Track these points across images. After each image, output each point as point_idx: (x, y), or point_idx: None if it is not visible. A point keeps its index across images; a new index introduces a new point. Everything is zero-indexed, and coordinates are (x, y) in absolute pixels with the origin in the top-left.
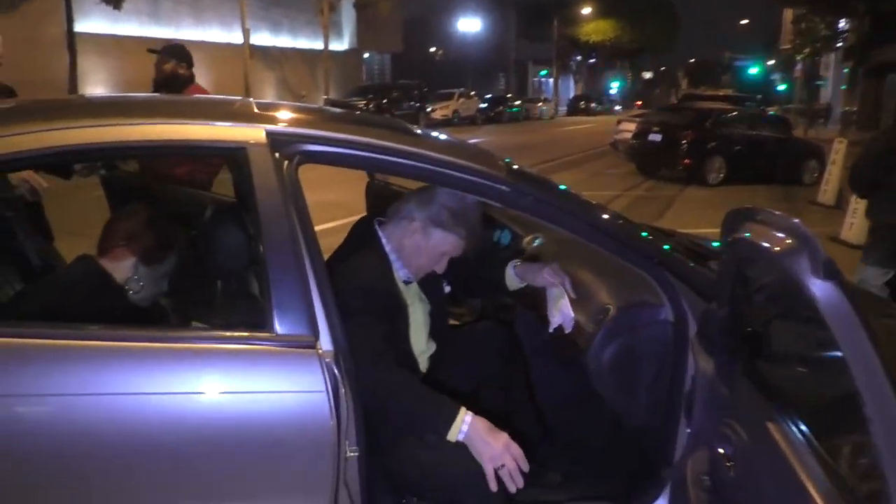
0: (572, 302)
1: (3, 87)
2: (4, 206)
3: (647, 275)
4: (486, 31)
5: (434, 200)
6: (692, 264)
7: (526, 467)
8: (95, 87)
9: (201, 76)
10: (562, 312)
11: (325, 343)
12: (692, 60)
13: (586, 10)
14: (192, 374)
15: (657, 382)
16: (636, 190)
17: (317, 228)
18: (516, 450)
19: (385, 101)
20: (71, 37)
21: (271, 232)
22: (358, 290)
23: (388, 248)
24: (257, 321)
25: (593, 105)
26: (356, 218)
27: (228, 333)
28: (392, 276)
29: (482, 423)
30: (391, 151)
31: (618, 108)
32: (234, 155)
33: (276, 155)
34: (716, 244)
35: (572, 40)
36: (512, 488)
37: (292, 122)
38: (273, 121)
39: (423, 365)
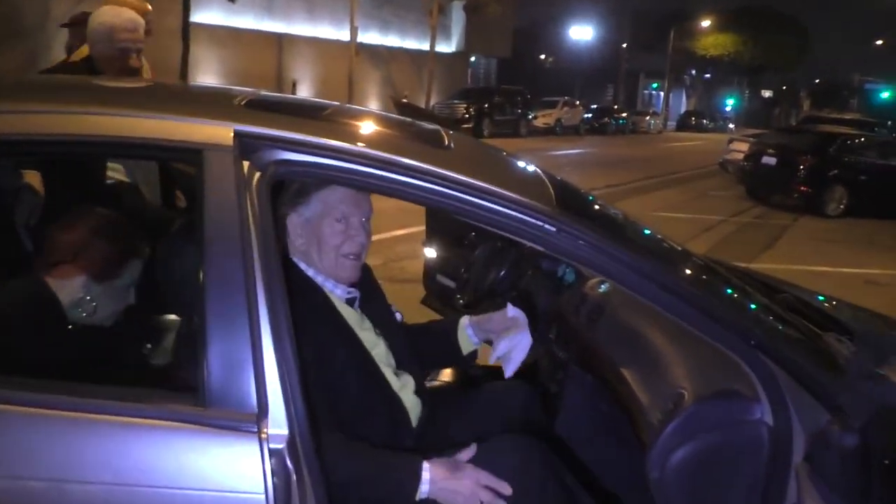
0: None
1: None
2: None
3: (739, 359)
4: (597, 40)
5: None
6: (809, 349)
7: (507, 491)
8: (206, 75)
9: (308, 71)
10: (513, 341)
11: (276, 424)
12: (817, 81)
13: (706, 23)
14: (80, 453)
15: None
16: (744, 216)
17: (388, 235)
18: (486, 478)
19: (486, 105)
20: (185, 27)
21: (218, 264)
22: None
23: (308, 271)
24: (183, 384)
25: (705, 122)
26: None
27: (139, 400)
28: (328, 300)
29: (440, 469)
30: (399, 168)
31: (731, 126)
32: (188, 159)
33: (244, 163)
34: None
35: (688, 53)
36: None
37: (276, 123)
38: (251, 119)
39: (410, 402)
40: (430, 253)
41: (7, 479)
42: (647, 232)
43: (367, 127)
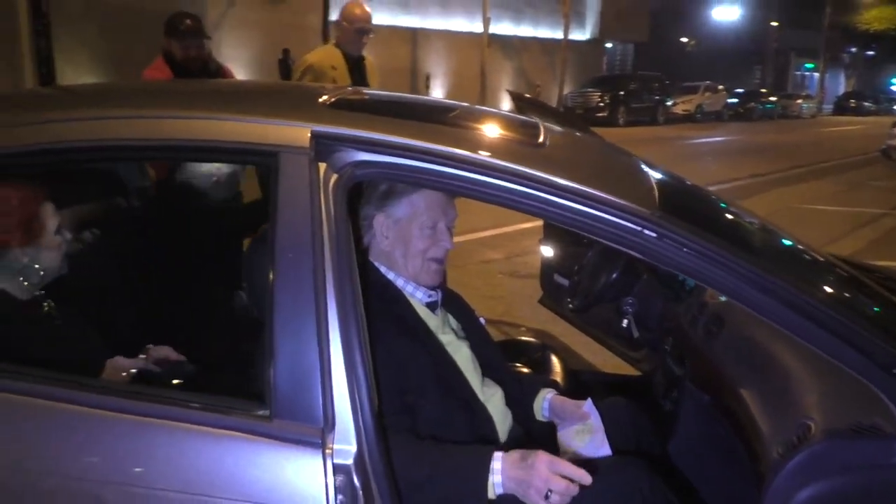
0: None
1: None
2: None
3: (878, 390)
4: (744, 19)
5: (367, 188)
6: None
7: (585, 480)
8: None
9: (441, 64)
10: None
11: (342, 438)
12: None
13: None
14: (148, 458)
15: None
16: None
17: (512, 229)
18: (561, 466)
19: (622, 93)
20: (325, 25)
21: (288, 272)
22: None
23: (388, 274)
24: (251, 395)
25: (867, 104)
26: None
27: (207, 409)
28: (408, 303)
29: (511, 461)
30: (482, 168)
31: None
32: (264, 162)
33: (321, 166)
34: None
35: (847, 29)
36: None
37: (357, 122)
38: (331, 119)
39: (498, 413)
40: (547, 251)
41: (78, 481)
42: (778, 237)
43: (454, 124)
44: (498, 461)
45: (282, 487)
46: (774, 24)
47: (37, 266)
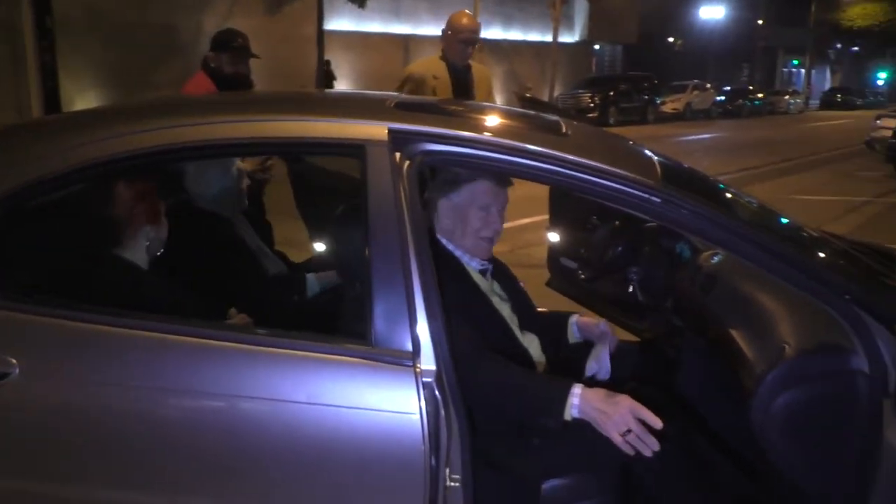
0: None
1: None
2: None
3: (836, 315)
4: (730, 18)
5: (435, 177)
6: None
7: (657, 424)
8: (340, 80)
9: None
10: (599, 361)
11: (427, 361)
12: None
13: None
14: (281, 379)
15: (842, 450)
16: (892, 196)
17: (514, 224)
18: (642, 411)
19: (611, 93)
20: (320, 34)
21: (380, 237)
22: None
23: (449, 246)
24: (356, 331)
25: (854, 99)
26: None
27: (323, 341)
28: (465, 270)
29: (595, 393)
30: (522, 153)
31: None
32: (354, 154)
33: (397, 154)
34: None
35: (832, 25)
36: (647, 452)
37: (420, 120)
38: (401, 118)
39: (537, 357)
40: (554, 237)
41: (231, 398)
42: (752, 203)
43: (496, 120)
44: (578, 388)
45: (386, 397)
46: (760, 22)
47: (156, 241)
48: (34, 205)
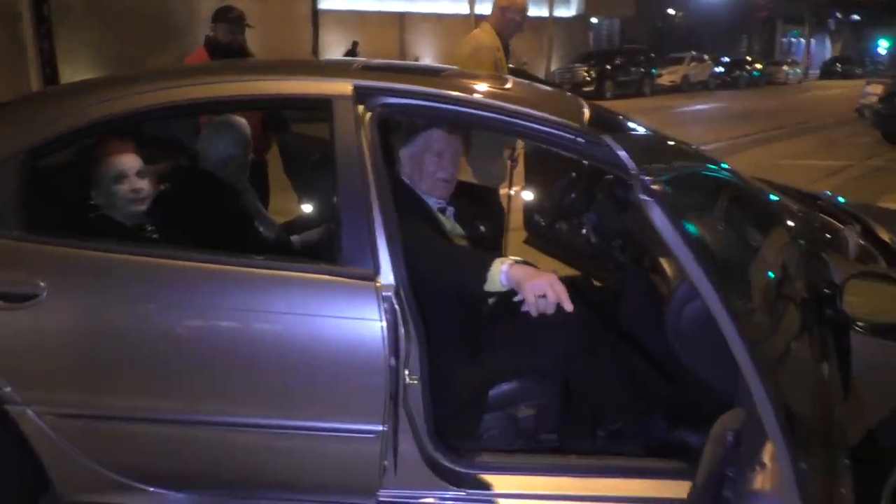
0: None
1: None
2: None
3: None
4: None
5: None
6: None
7: (569, 307)
8: (335, 57)
9: (429, 46)
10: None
11: (385, 278)
12: None
13: None
14: (267, 295)
15: None
16: (876, 160)
17: None
18: (560, 288)
19: (608, 67)
20: (315, 14)
21: (345, 178)
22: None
23: (412, 186)
24: (330, 255)
25: (855, 69)
26: None
27: (304, 263)
28: (423, 204)
29: (523, 266)
30: (467, 104)
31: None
32: (321, 107)
33: (359, 107)
34: None
35: None
36: (550, 310)
37: (381, 77)
38: (364, 76)
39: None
40: (528, 196)
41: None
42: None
43: (447, 77)
44: (509, 260)
45: (353, 307)
46: None
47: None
48: (57, 156)
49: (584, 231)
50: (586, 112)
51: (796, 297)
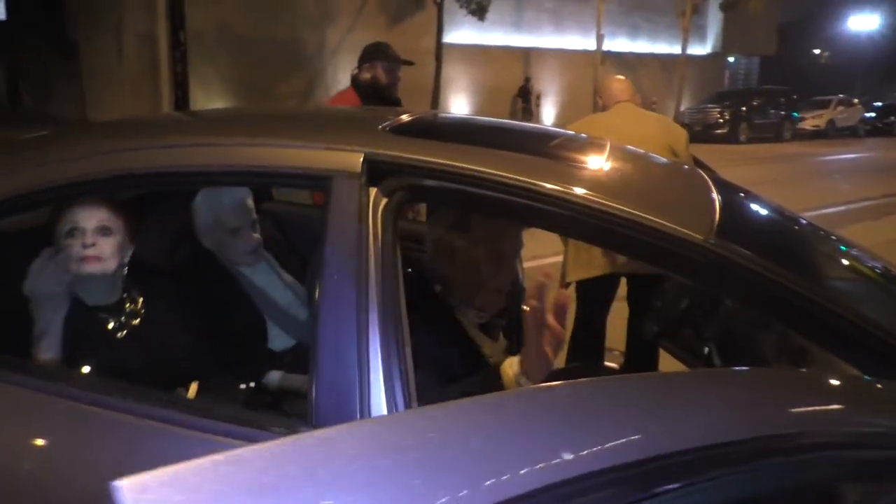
0: None
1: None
2: None
3: None
4: (885, 27)
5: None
6: None
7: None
8: (457, 93)
9: (553, 82)
10: None
11: None
12: None
13: None
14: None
15: None
16: None
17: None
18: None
19: (743, 108)
20: (439, 48)
21: (332, 290)
22: None
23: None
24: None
25: None
26: None
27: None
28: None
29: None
30: (527, 193)
31: None
32: (320, 186)
33: (370, 189)
34: None
35: None
36: None
37: (407, 147)
38: (382, 144)
39: None
40: None
41: None
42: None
43: (511, 146)
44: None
45: None
46: None
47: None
48: None
49: (706, 350)
50: (716, 209)
51: None
